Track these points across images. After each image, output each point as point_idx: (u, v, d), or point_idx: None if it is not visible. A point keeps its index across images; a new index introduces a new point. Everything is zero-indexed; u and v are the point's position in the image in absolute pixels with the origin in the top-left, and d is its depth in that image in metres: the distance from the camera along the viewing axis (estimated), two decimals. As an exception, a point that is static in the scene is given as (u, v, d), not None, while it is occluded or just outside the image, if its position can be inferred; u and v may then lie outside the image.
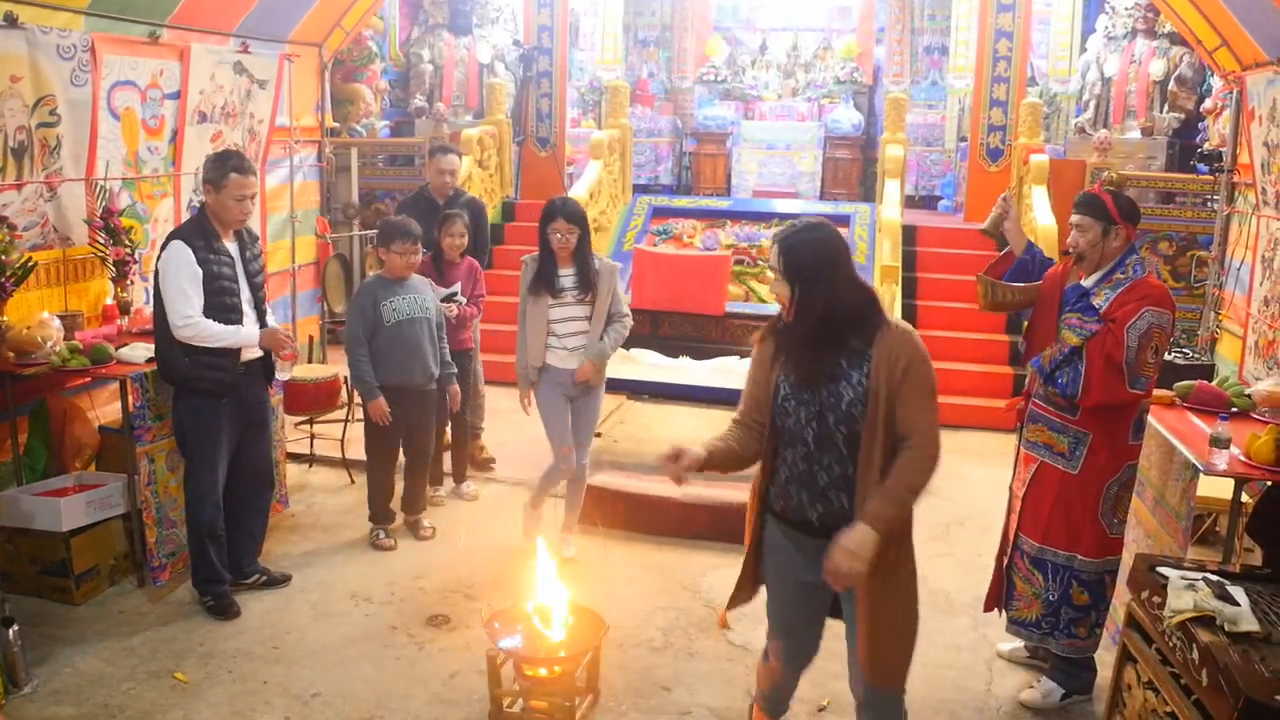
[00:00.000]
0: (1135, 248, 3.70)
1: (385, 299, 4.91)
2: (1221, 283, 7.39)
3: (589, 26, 13.44)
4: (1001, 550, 3.98)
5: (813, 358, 2.70)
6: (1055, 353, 3.61)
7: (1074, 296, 3.67)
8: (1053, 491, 3.69)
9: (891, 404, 2.63)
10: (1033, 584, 3.77)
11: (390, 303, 4.91)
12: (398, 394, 4.93)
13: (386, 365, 4.90)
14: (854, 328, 2.70)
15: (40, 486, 4.63)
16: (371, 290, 4.95)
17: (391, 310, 4.90)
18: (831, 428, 2.67)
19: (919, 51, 13.19)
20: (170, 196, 6.22)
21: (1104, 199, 3.65)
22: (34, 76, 4.96)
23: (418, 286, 5.05)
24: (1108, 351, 3.47)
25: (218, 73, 6.47)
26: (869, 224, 9.06)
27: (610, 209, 9.56)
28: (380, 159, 10.26)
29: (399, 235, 4.91)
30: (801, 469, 2.74)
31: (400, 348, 4.92)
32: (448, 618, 4.32)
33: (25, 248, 4.91)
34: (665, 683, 3.87)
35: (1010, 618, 3.89)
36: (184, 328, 4.07)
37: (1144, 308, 3.47)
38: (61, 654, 3.94)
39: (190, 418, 4.25)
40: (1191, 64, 9.64)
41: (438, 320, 5.11)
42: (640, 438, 6.84)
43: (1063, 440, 3.66)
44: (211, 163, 4.21)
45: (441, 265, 5.52)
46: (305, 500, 5.63)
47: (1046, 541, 3.72)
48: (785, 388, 2.74)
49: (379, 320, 4.89)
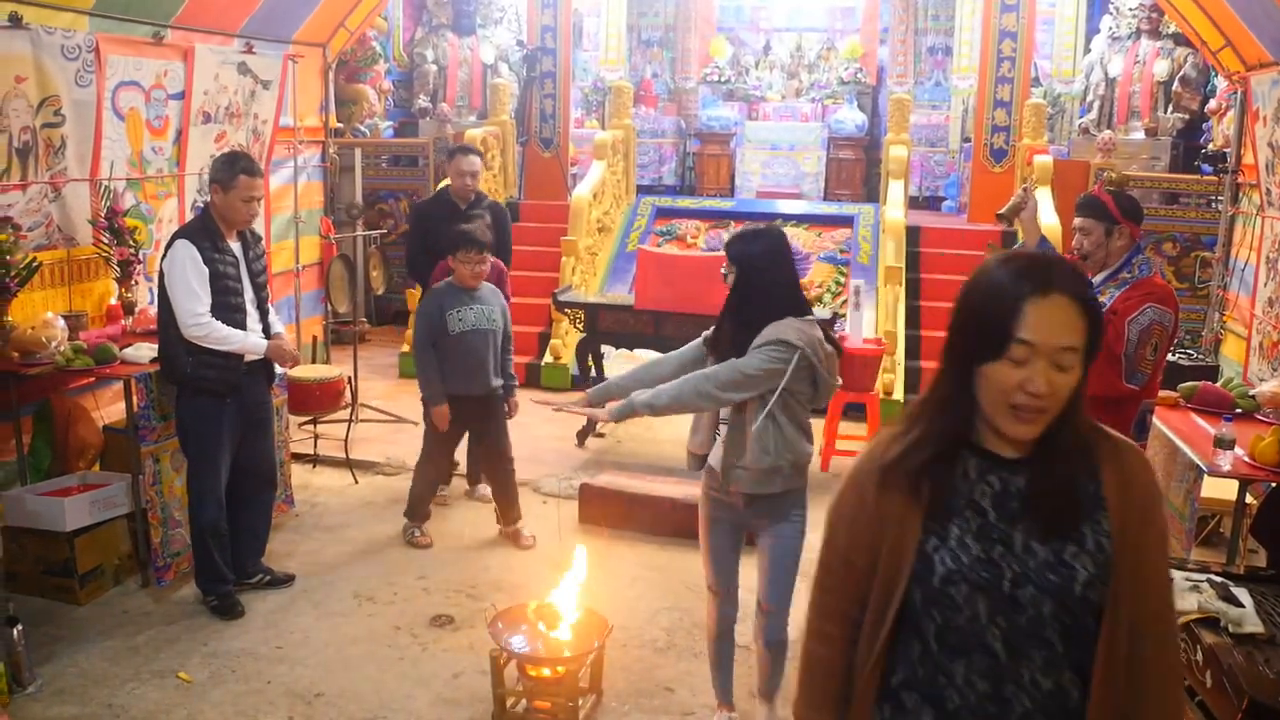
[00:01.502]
0: (1140, 247, 3.70)
1: (451, 308, 4.84)
2: (1226, 284, 7.39)
3: (592, 27, 13.45)
4: None
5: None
6: None
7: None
8: None
9: (1136, 578, 1.58)
10: None
11: (456, 312, 4.84)
12: (459, 402, 4.91)
13: (447, 374, 4.87)
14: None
15: (45, 486, 4.63)
16: (439, 297, 4.89)
17: (457, 319, 4.84)
18: (1044, 619, 1.56)
19: (923, 52, 13.18)
20: (174, 197, 6.23)
21: (1105, 200, 3.65)
22: (39, 77, 4.97)
23: (486, 297, 4.96)
24: (1106, 343, 3.46)
25: (222, 73, 6.48)
26: (873, 225, 9.08)
27: (614, 209, 9.57)
28: (384, 159, 10.28)
29: (462, 243, 4.82)
30: (982, 691, 1.59)
31: (462, 357, 4.86)
32: (451, 618, 4.32)
33: (30, 248, 4.91)
34: (668, 683, 3.87)
35: None
36: (194, 327, 4.07)
37: (1146, 303, 3.46)
38: (65, 654, 3.95)
39: (193, 417, 4.26)
40: (1196, 64, 9.63)
41: (505, 331, 5.05)
42: (642, 438, 6.85)
43: None
44: (220, 163, 4.21)
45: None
46: (309, 500, 5.63)
47: None
48: (950, 557, 1.60)
49: (443, 328, 4.84)
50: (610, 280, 8.84)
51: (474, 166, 5.80)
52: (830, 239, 9.07)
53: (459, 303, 4.87)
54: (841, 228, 9.18)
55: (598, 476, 5.64)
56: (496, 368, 5.01)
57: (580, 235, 8.53)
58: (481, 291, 4.95)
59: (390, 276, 9.00)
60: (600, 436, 6.84)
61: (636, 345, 6.88)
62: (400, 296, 9.15)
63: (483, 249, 4.85)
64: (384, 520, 5.39)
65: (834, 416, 6.35)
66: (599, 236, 9.07)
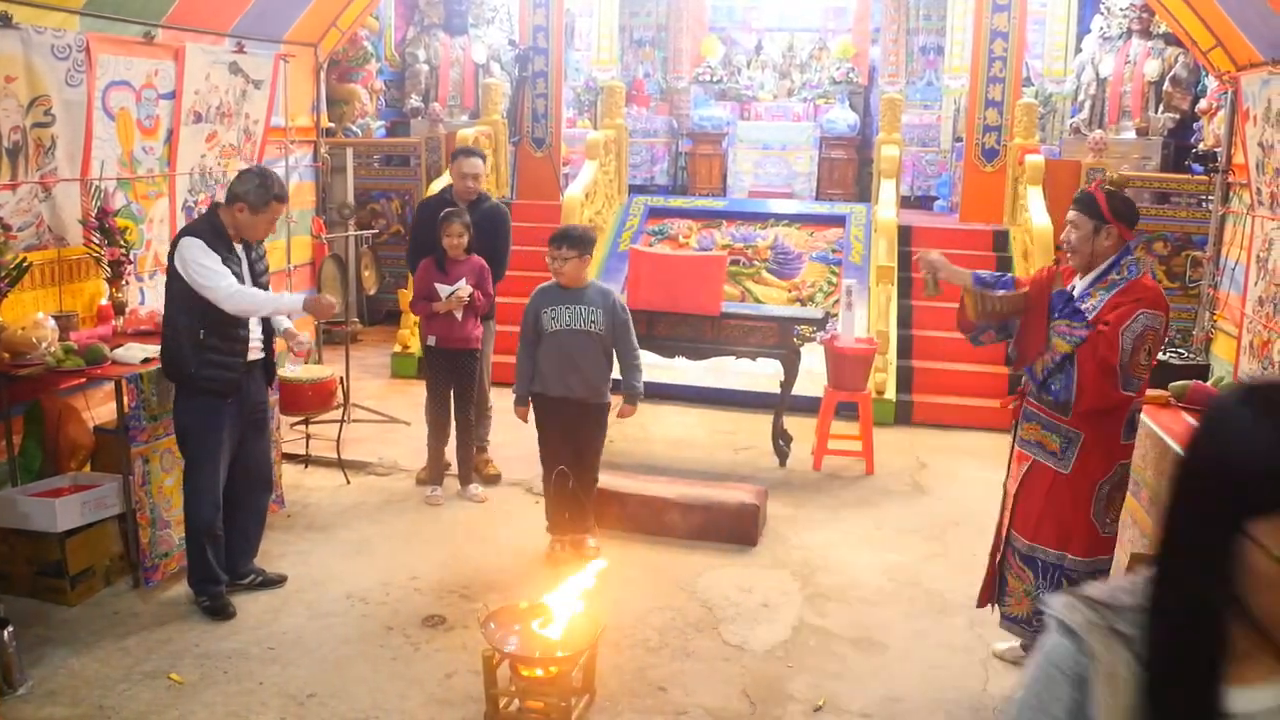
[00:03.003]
0: (1130, 248, 3.69)
1: (546, 306, 4.76)
2: (1216, 283, 7.41)
3: (584, 27, 13.45)
4: (995, 546, 3.98)
5: None
6: (1048, 360, 3.60)
7: (1060, 303, 3.65)
8: (1044, 490, 3.69)
9: None
10: (1024, 581, 3.78)
11: (551, 311, 4.75)
12: (558, 405, 4.79)
13: (542, 375, 4.80)
14: None
15: (35, 487, 4.62)
16: (536, 296, 4.85)
17: (550, 318, 4.75)
18: None
19: (914, 52, 13.21)
20: (165, 197, 6.21)
21: (1097, 197, 3.64)
22: (28, 77, 4.95)
23: (592, 298, 4.78)
24: (1101, 355, 3.46)
25: (213, 73, 6.46)
26: (864, 224, 9.10)
27: (606, 209, 9.57)
28: (376, 159, 10.26)
29: (551, 241, 4.74)
30: None
31: (556, 358, 4.75)
32: (444, 618, 4.32)
33: (20, 248, 4.89)
34: (661, 683, 3.87)
35: (1003, 613, 3.90)
36: (231, 295, 4.05)
37: (1138, 310, 3.45)
38: (56, 655, 3.93)
39: (192, 416, 4.24)
40: (1186, 64, 9.67)
41: (619, 336, 4.84)
42: (636, 438, 6.85)
43: (1055, 439, 3.66)
44: (253, 185, 4.15)
45: (445, 263, 5.52)
46: (301, 501, 5.62)
47: (1037, 540, 3.72)
48: None
49: (540, 328, 4.77)
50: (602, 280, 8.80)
51: (476, 168, 5.84)
52: (822, 238, 9.08)
53: (555, 302, 4.76)
54: (833, 227, 9.20)
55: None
56: (601, 373, 4.84)
57: (573, 235, 8.52)
58: (588, 292, 4.80)
59: (382, 276, 8.97)
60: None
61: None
62: (392, 296, 9.14)
63: (562, 244, 4.71)
64: (376, 521, 5.38)
65: (826, 416, 6.36)
66: (591, 236, 9.06)
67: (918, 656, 4.13)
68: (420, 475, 5.89)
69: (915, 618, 4.47)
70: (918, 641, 4.25)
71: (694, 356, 6.55)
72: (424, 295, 5.55)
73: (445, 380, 5.65)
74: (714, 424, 7.25)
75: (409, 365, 8.08)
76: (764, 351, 6.29)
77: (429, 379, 5.72)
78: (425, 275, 5.55)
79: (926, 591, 4.71)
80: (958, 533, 5.41)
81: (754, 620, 4.39)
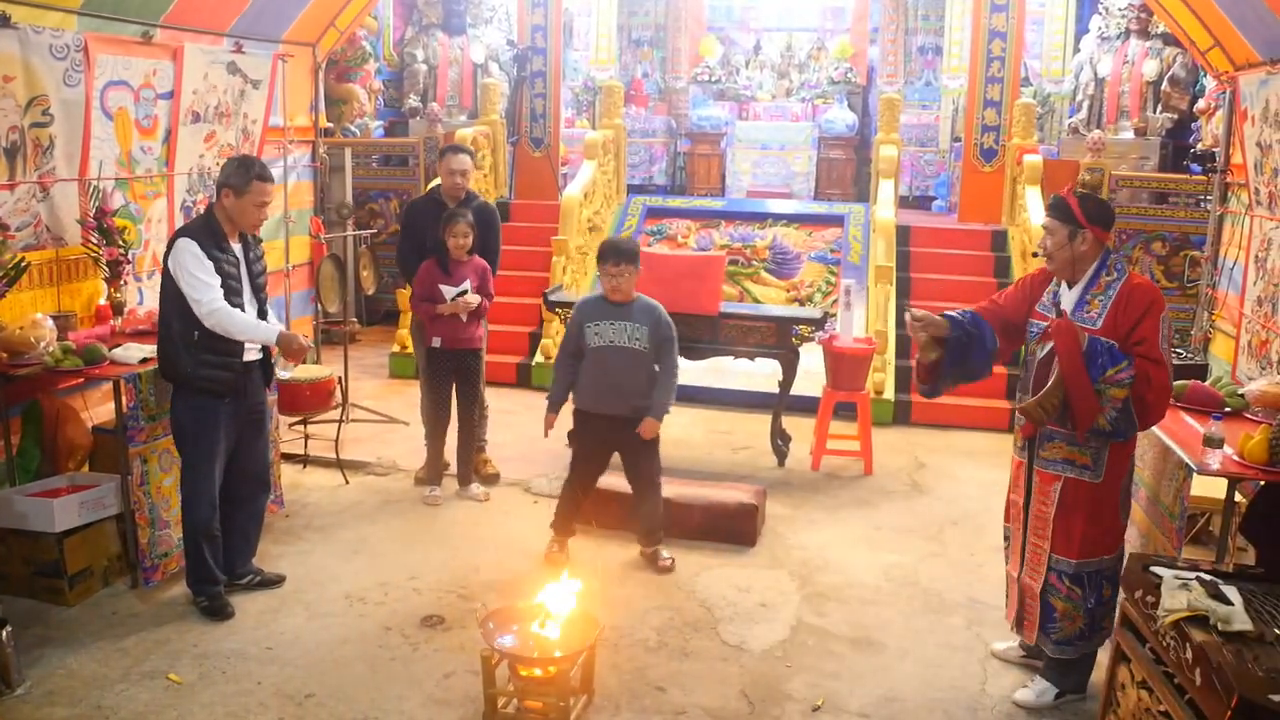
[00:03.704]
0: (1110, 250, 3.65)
1: (590, 320, 4.69)
2: (1215, 283, 7.42)
3: (583, 26, 13.45)
4: (1029, 572, 3.79)
5: None
6: (1108, 412, 3.46)
7: (1099, 355, 3.45)
8: (1083, 504, 3.61)
9: None
10: (1073, 600, 3.67)
11: (594, 325, 4.66)
12: (604, 422, 4.73)
13: (581, 389, 4.75)
14: None
15: (33, 487, 4.61)
16: (580, 308, 4.81)
17: (594, 333, 4.67)
18: None
19: (913, 52, 13.21)
20: (164, 197, 6.20)
21: (1070, 202, 3.60)
22: (27, 76, 4.95)
23: (636, 315, 4.67)
24: (1156, 381, 3.45)
25: (211, 73, 6.46)
26: (863, 224, 9.10)
27: (605, 209, 9.56)
28: (374, 159, 10.26)
29: (603, 256, 4.68)
30: None
31: (597, 374, 4.68)
32: (442, 618, 4.32)
33: (18, 248, 4.89)
34: (660, 682, 3.86)
35: (1055, 640, 3.73)
36: (211, 313, 4.04)
37: (1159, 318, 3.49)
38: (55, 655, 3.93)
39: (190, 416, 4.22)
40: (1185, 64, 9.68)
41: (662, 353, 4.71)
42: (635, 438, 6.84)
43: (1085, 453, 3.59)
44: (235, 168, 4.15)
45: (448, 265, 5.47)
46: (299, 501, 5.61)
47: (1084, 555, 3.63)
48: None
49: (584, 342, 4.70)
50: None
51: (464, 165, 5.75)
52: (821, 238, 9.08)
53: (600, 316, 4.68)
54: (832, 227, 9.20)
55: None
56: (642, 390, 4.70)
57: (571, 235, 8.53)
58: (632, 308, 4.69)
59: (380, 276, 8.96)
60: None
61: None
62: (390, 296, 9.14)
63: (619, 261, 4.62)
64: (375, 521, 5.37)
65: (825, 416, 6.36)
66: (590, 236, 9.06)
67: (916, 656, 4.13)
68: (419, 475, 5.88)
69: (913, 617, 4.47)
70: (916, 641, 4.25)
71: (692, 356, 6.54)
72: (425, 296, 5.49)
73: (448, 381, 5.62)
74: (712, 424, 7.25)
75: (407, 365, 8.07)
76: (762, 351, 6.28)
77: (429, 380, 5.67)
78: (428, 276, 5.50)
79: (925, 591, 4.71)
80: (956, 532, 5.42)
81: (752, 620, 4.39)
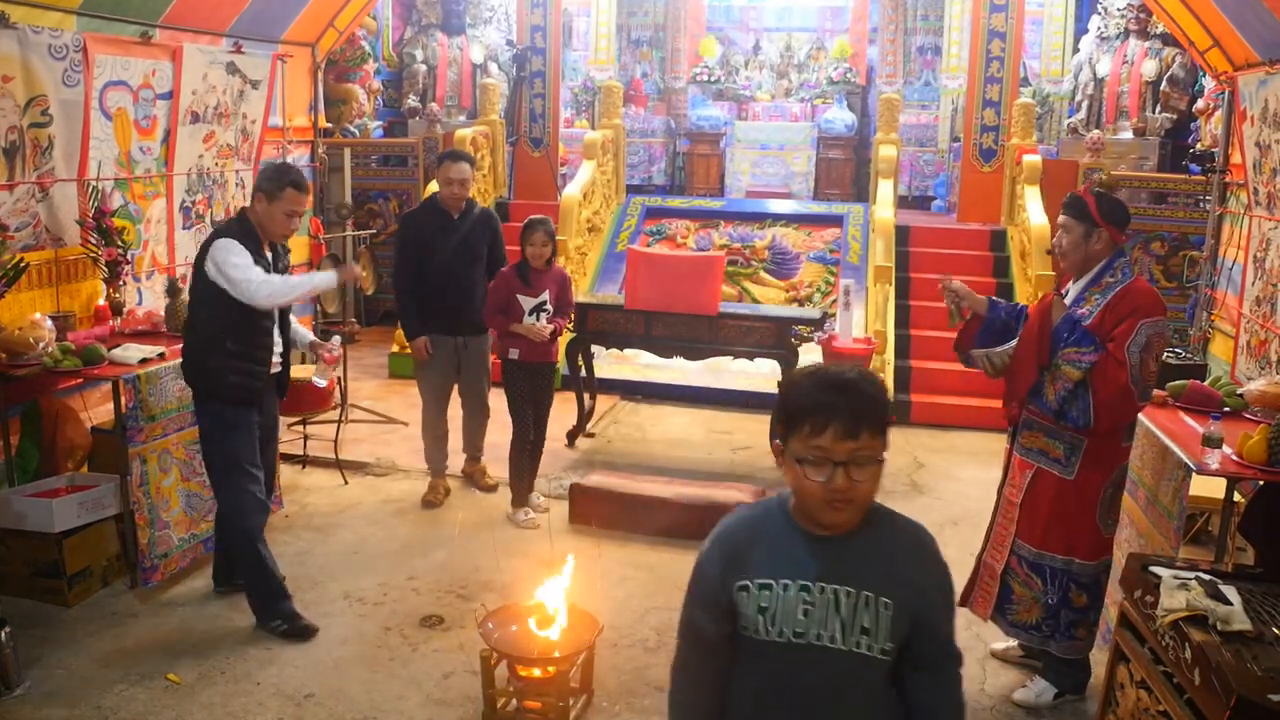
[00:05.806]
0: (1123, 251, 3.68)
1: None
2: (1214, 282, 7.42)
3: (582, 27, 13.44)
4: (991, 551, 3.96)
5: None
6: (1059, 389, 3.55)
7: (1066, 330, 3.58)
8: (1050, 497, 3.68)
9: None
10: (1031, 588, 3.75)
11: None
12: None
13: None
14: None
15: (32, 488, 4.61)
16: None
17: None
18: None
19: (912, 52, 13.22)
20: (163, 197, 6.21)
21: (1087, 200, 3.62)
22: (26, 76, 4.95)
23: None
24: (1111, 377, 3.45)
25: (210, 73, 6.46)
26: (862, 224, 9.11)
27: (604, 209, 9.57)
28: (373, 159, 10.25)
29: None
30: None
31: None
32: (441, 618, 4.32)
33: (17, 248, 4.90)
34: (659, 683, 3.86)
35: (1010, 621, 3.86)
36: (265, 282, 3.96)
37: (1139, 322, 3.45)
38: (54, 655, 3.93)
39: (220, 426, 4.13)
40: (1184, 64, 9.68)
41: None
42: (633, 438, 6.85)
43: (1059, 446, 3.65)
44: (270, 173, 4.10)
45: (528, 274, 5.20)
46: (298, 501, 5.61)
47: (1044, 546, 3.70)
48: None
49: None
50: (600, 280, 8.84)
51: (463, 174, 5.39)
52: (820, 238, 9.08)
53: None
54: (831, 227, 9.20)
55: (587, 476, 5.64)
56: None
57: (570, 235, 8.53)
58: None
59: (380, 277, 8.99)
60: (590, 436, 6.84)
61: (626, 345, 6.88)
62: (389, 297, 9.12)
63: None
64: (373, 521, 5.38)
65: (824, 416, 6.34)
66: (589, 236, 9.07)
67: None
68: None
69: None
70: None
71: (692, 356, 6.55)
72: (500, 308, 5.19)
73: (528, 394, 5.35)
74: (712, 424, 7.25)
75: (406, 365, 8.04)
76: (762, 351, 6.28)
77: (512, 394, 5.34)
78: (505, 285, 5.19)
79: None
80: (955, 532, 5.41)
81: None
